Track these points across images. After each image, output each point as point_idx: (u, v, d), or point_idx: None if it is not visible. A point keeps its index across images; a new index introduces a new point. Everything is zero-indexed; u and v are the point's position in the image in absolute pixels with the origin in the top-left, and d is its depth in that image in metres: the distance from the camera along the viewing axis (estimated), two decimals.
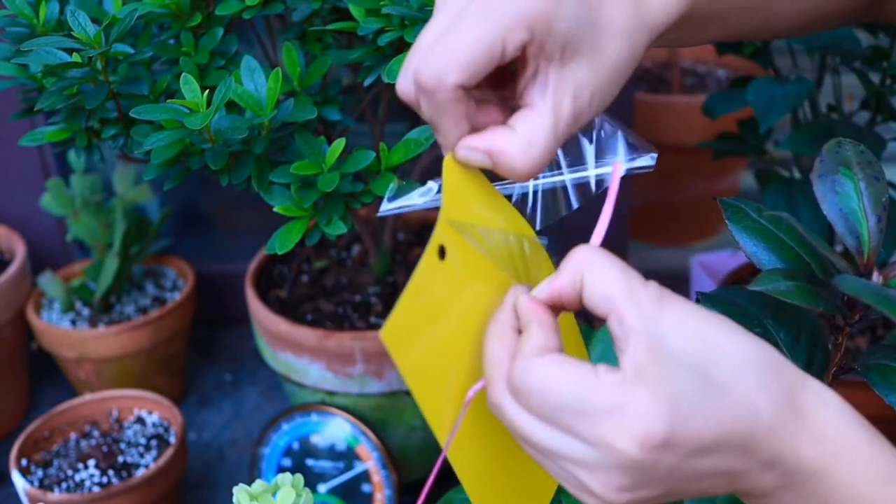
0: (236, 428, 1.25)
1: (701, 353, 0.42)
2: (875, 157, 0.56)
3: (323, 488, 1.04)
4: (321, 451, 1.04)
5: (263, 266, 1.16)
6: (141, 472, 1.01)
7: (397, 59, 0.68)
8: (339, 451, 1.04)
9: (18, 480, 0.98)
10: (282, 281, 1.15)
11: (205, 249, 1.49)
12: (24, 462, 1.02)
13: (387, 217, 0.98)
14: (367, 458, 1.03)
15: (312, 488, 1.04)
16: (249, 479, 1.07)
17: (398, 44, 0.70)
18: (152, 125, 0.70)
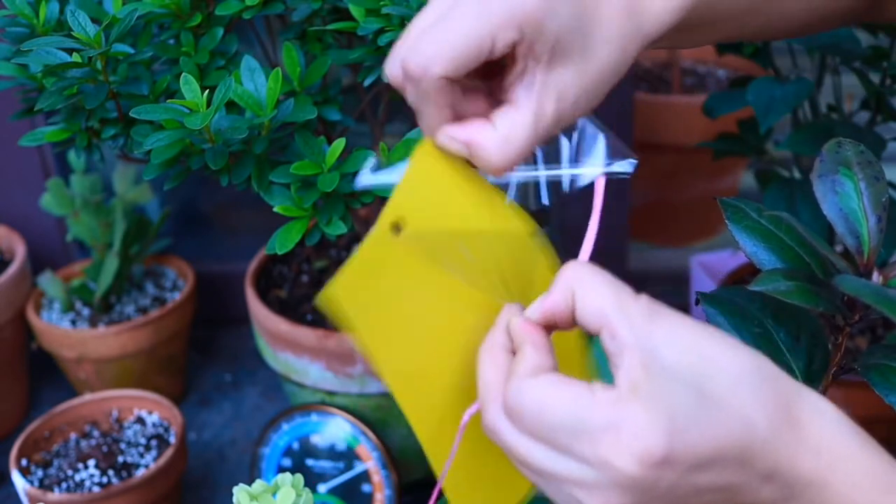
0: (236, 428, 1.25)
1: (695, 367, 0.42)
2: (875, 157, 0.56)
3: (323, 488, 1.04)
4: (321, 451, 1.04)
5: (263, 266, 1.16)
6: (141, 472, 1.01)
7: None
8: (339, 451, 1.04)
9: (18, 480, 0.98)
10: (282, 281, 1.15)
11: (205, 249, 1.49)
12: (24, 462, 1.02)
13: None
14: (367, 458, 1.02)
15: (312, 488, 1.04)
16: (249, 479, 1.07)
17: None
18: (152, 125, 0.70)
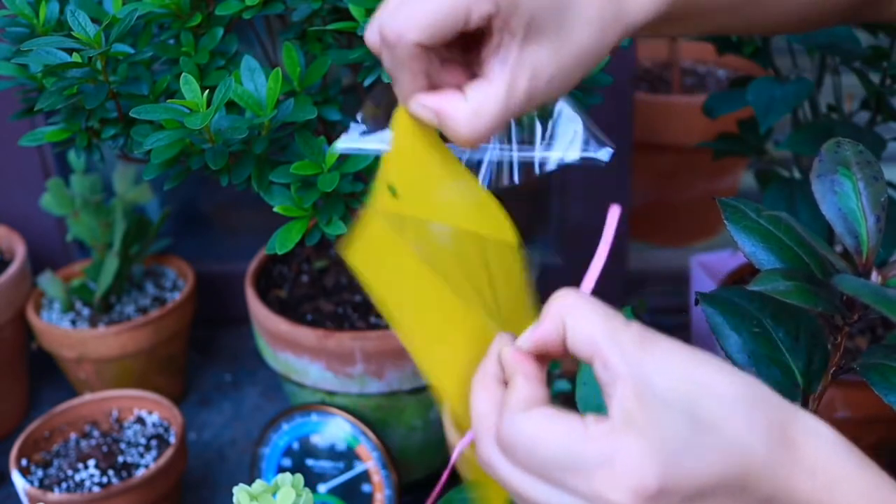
0: (236, 428, 1.26)
1: (689, 394, 0.41)
2: (875, 157, 0.56)
3: (323, 488, 1.04)
4: (321, 451, 1.04)
5: (263, 266, 1.16)
6: (141, 472, 1.01)
7: None
8: (339, 451, 1.04)
9: (18, 480, 0.98)
10: (282, 281, 1.15)
11: (205, 249, 1.49)
12: (24, 462, 1.02)
13: None
14: (367, 458, 1.03)
15: (312, 488, 1.04)
16: (249, 479, 1.07)
17: None
18: (152, 125, 0.70)
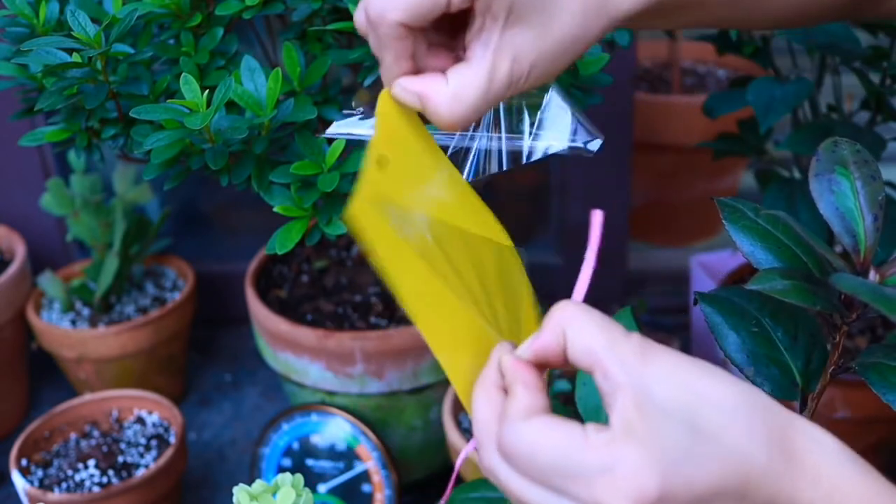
0: (236, 428, 1.26)
1: (689, 404, 0.42)
2: (874, 156, 0.56)
3: (323, 488, 1.04)
4: (321, 451, 1.04)
5: (263, 266, 1.16)
6: (141, 472, 1.01)
7: None
8: (339, 451, 1.04)
9: (18, 480, 0.98)
10: (282, 281, 1.15)
11: (205, 249, 1.49)
12: (24, 462, 1.02)
13: None
14: (367, 458, 1.03)
15: (312, 488, 1.04)
16: (249, 479, 1.07)
17: None
18: (152, 125, 0.70)
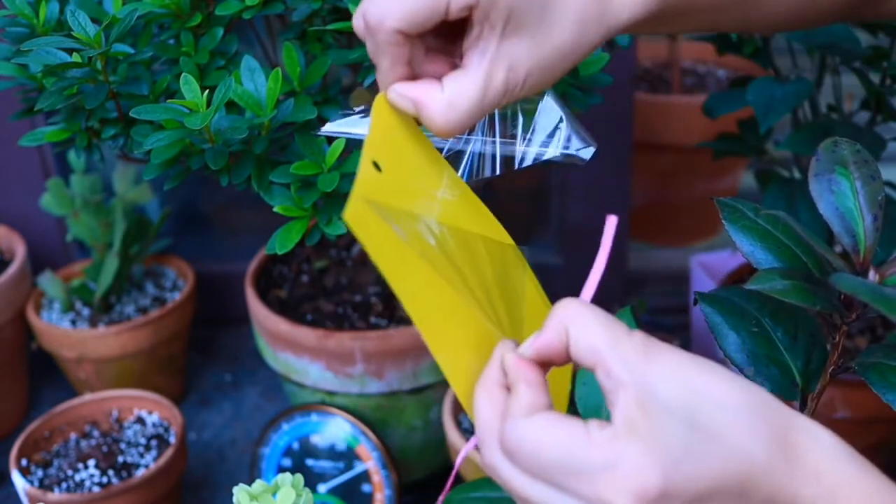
0: (236, 428, 1.26)
1: (691, 402, 0.42)
2: (874, 156, 0.56)
3: (323, 488, 1.04)
4: (321, 451, 1.04)
5: (263, 266, 1.16)
6: (141, 472, 1.01)
7: None
8: (339, 451, 1.04)
9: (18, 480, 0.98)
10: (282, 281, 1.15)
11: (205, 249, 1.49)
12: (24, 462, 1.02)
13: None
14: (367, 458, 1.03)
15: (312, 488, 1.04)
16: (249, 479, 1.07)
17: None
18: (152, 125, 0.70)
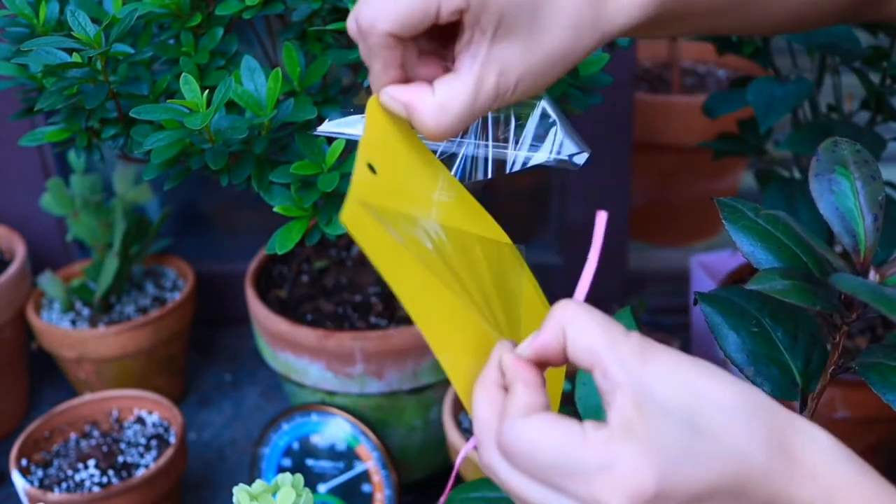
0: (236, 428, 1.26)
1: (688, 403, 0.42)
2: (874, 156, 0.56)
3: (323, 488, 1.04)
4: (321, 451, 1.04)
5: (263, 266, 1.16)
6: (141, 472, 1.01)
7: None
8: (339, 451, 1.04)
9: (18, 480, 0.98)
10: (282, 281, 1.15)
11: (205, 249, 1.49)
12: (24, 462, 1.02)
13: None
14: (367, 458, 1.03)
15: (312, 488, 1.04)
16: (249, 479, 1.07)
17: None
18: (152, 125, 0.70)
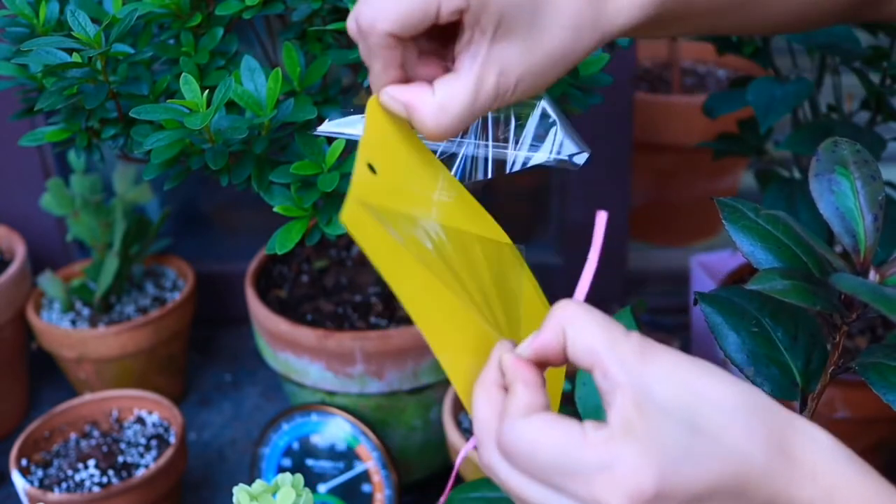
0: (236, 428, 1.26)
1: (688, 403, 0.42)
2: (874, 156, 0.56)
3: (323, 488, 1.04)
4: (321, 451, 1.04)
5: (263, 266, 1.16)
6: (141, 472, 1.01)
7: None
8: (339, 451, 1.04)
9: (18, 480, 0.98)
10: (282, 281, 1.15)
11: (205, 249, 1.49)
12: (24, 462, 1.02)
13: None
14: (367, 458, 1.03)
15: (312, 488, 1.04)
16: (249, 479, 1.07)
17: None
18: (152, 125, 0.70)
